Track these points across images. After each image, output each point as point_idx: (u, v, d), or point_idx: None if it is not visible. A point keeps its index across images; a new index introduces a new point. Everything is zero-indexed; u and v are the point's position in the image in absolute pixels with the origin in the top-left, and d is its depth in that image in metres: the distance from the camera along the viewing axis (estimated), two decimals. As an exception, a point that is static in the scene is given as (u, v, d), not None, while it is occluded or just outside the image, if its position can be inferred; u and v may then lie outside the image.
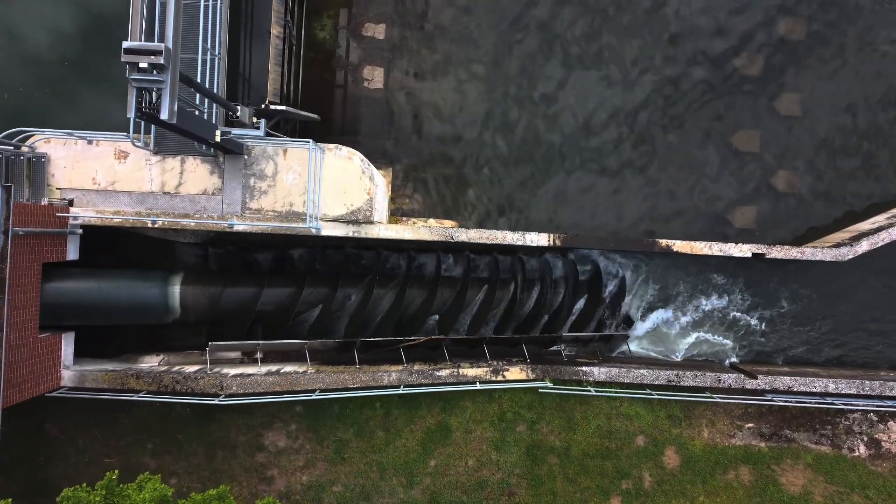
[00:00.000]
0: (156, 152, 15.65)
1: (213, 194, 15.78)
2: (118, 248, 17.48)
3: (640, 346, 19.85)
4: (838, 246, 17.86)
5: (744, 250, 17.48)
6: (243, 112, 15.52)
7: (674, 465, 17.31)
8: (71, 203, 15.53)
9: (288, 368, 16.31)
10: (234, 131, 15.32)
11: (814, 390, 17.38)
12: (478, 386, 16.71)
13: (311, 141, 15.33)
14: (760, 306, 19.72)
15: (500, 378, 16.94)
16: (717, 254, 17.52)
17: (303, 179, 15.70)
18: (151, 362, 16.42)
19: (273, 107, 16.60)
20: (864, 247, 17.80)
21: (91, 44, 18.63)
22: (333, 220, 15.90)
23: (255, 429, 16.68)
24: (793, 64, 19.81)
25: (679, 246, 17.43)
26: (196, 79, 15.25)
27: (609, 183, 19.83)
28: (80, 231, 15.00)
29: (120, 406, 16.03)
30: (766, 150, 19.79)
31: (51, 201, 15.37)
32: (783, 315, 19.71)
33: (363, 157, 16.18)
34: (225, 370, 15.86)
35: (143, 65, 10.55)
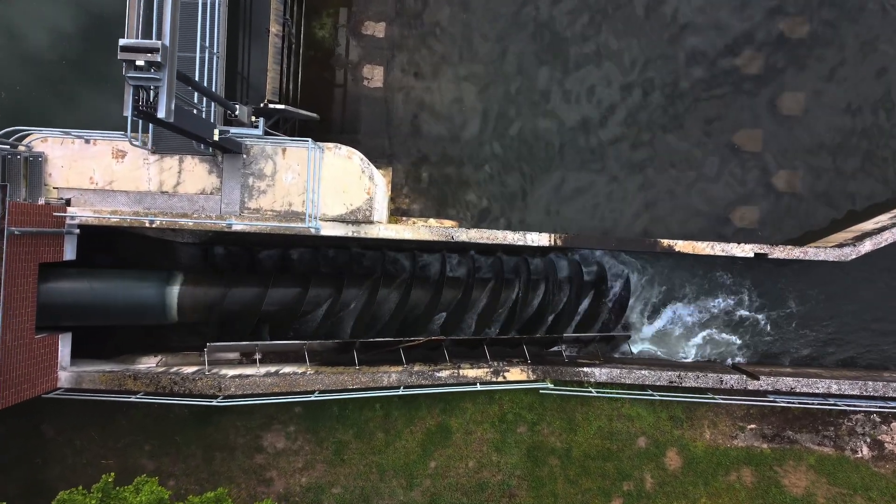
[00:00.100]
0: (154, 151, 15.52)
1: (212, 194, 15.66)
2: (116, 248, 17.38)
3: (645, 346, 19.77)
4: (841, 246, 17.74)
5: (746, 250, 17.35)
6: (242, 111, 15.38)
7: (675, 466, 17.20)
8: (68, 203, 15.40)
9: (287, 369, 16.19)
10: (233, 130, 15.20)
11: (816, 391, 17.25)
12: (478, 387, 16.59)
13: (310, 140, 15.20)
14: (767, 307, 19.63)
15: (500, 379, 16.82)
16: (720, 254, 17.39)
17: (302, 179, 15.57)
18: (149, 363, 16.30)
19: (272, 106, 16.48)
20: (867, 247, 17.68)
21: (91, 44, 18.55)
22: (333, 220, 15.77)
23: (254, 430, 16.57)
24: (794, 63, 19.68)
25: (681, 246, 17.31)
26: (194, 77, 15.12)
27: (610, 182, 19.72)
28: (78, 231, 14.89)
29: (117, 407, 15.91)
30: (768, 149, 19.67)
31: (48, 201, 15.24)
32: (789, 316, 19.62)
33: (363, 156, 16.06)
34: (223, 371, 15.74)
35: (140, 62, 10.42)
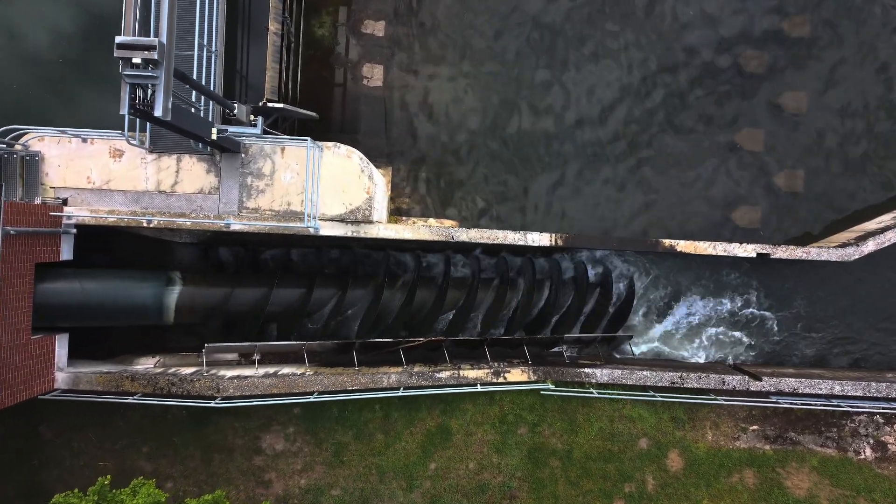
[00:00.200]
0: (151, 151, 15.39)
1: (210, 193, 15.53)
2: (114, 248, 17.28)
3: (649, 347, 19.70)
4: (844, 246, 17.62)
5: (748, 250, 17.24)
6: (240, 110, 15.26)
7: (677, 467, 17.08)
8: (65, 202, 15.28)
9: (286, 370, 16.07)
10: (231, 129, 15.08)
11: (819, 392, 17.13)
12: (478, 388, 16.48)
13: (309, 139, 15.07)
14: (773, 308, 19.58)
15: (501, 380, 16.71)
16: (722, 254, 17.28)
17: (301, 178, 15.45)
18: (147, 364, 16.18)
19: (271, 104, 16.34)
20: (870, 247, 17.56)
21: (91, 43, 18.46)
22: (332, 220, 15.65)
23: (253, 431, 16.45)
24: (796, 62, 19.57)
25: (683, 246, 17.19)
26: (192, 76, 14.99)
27: (610, 182, 19.60)
28: (75, 231, 14.76)
29: (115, 408, 15.79)
30: (770, 148, 19.55)
31: (44, 200, 15.12)
32: (796, 316, 19.56)
33: (362, 155, 15.94)
34: (222, 372, 15.62)
35: (137, 60, 10.30)
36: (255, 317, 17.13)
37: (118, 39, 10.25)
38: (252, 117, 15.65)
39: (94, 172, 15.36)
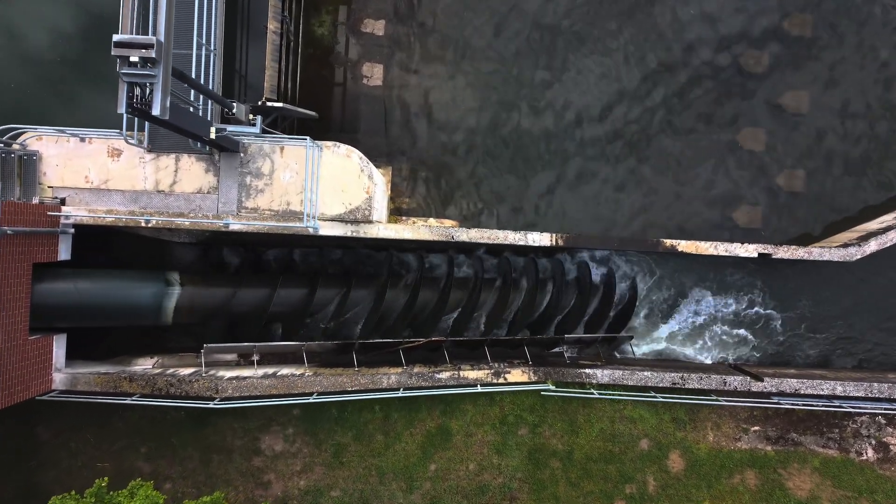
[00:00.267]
0: (150, 150, 15.31)
1: (209, 193, 15.44)
2: (112, 248, 17.18)
3: (652, 348, 19.62)
4: (846, 246, 17.54)
5: (750, 250, 17.15)
6: (239, 109, 15.16)
7: (678, 469, 17.00)
8: (63, 202, 15.19)
9: (285, 371, 15.98)
10: (230, 128, 14.98)
11: (821, 393, 17.05)
12: (479, 388, 16.39)
13: (308, 138, 14.98)
14: (777, 308, 19.51)
15: (501, 380, 16.62)
16: (723, 254, 17.19)
17: (300, 178, 15.37)
18: (145, 365, 16.08)
19: (270, 104, 16.26)
20: (872, 247, 17.47)
21: (90, 43, 18.40)
22: (331, 220, 15.56)
23: (252, 432, 16.36)
24: (798, 61, 19.48)
25: (684, 246, 17.10)
26: (191, 75, 14.90)
27: (611, 182, 19.52)
28: (72, 231, 14.66)
29: (113, 409, 15.69)
30: (772, 148, 19.47)
31: (42, 200, 15.03)
32: (800, 316, 19.50)
33: (362, 155, 15.85)
34: (220, 373, 15.53)
35: (134, 58, 10.21)
36: (258, 317, 17.05)
37: (115, 38, 10.16)
38: (251, 116, 15.56)
39: (93, 172, 15.27)
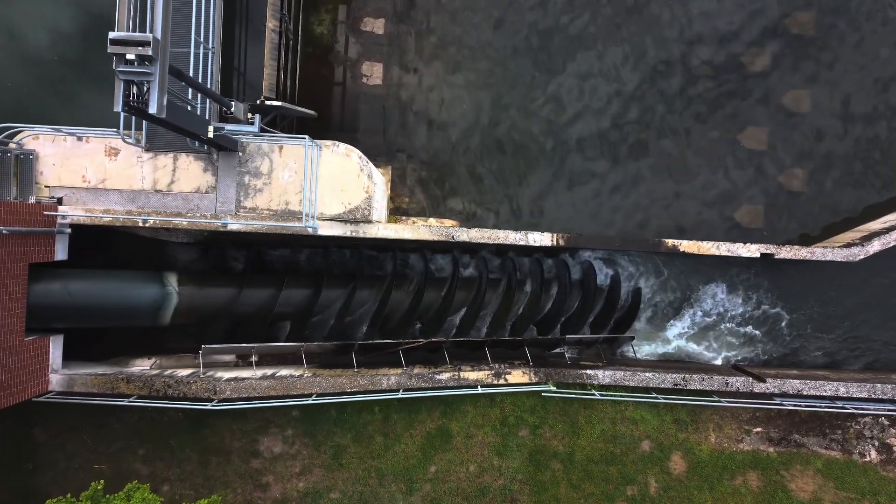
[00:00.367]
0: (147, 149, 15.18)
1: (207, 192, 15.31)
2: (110, 248, 17.06)
3: (657, 349, 19.49)
4: (849, 246, 17.42)
5: (752, 250, 17.03)
6: (238, 108, 15.04)
7: (680, 470, 16.88)
8: (60, 201, 15.06)
9: (284, 372, 15.85)
10: (228, 127, 14.85)
11: (824, 394, 16.94)
12: (479, 390, 16.27)
13: (307, 137, 14.85)
14: (784, 308, 19.43)
15: (501, 381, 16.50)
16: (725, 254, 17.08)
17: (299, 177, 15.24)
18: (143, 365, 15.95)
19: (269, 102, 16.12)
20: (875, 246, 17.36)
21: (91, 43, 18.28)
22: (331, 220, 15.44)
23: (250, 434, 16.24)
24: (802, 60, 19.36)
25: (686, 246, 16.98)
26: (189, 73, 14.77)
27: (613, 182, 19.39)
28: (69, 230, 14.52)
29: (111, 411, 15.57)
30: (774, 147, 19.34)
31: (39, 200, 14.90)
32: (807, 317, 19.41)
33: (361, 154, 15.72)
34: (219, 374, 15.39)
35: (131, 56, 10.10)
36: (262, 318, 16.95)
37: (111, 35, 10.05)
38: (249, 115, 15.43)
39: (90, 171, 15.14)
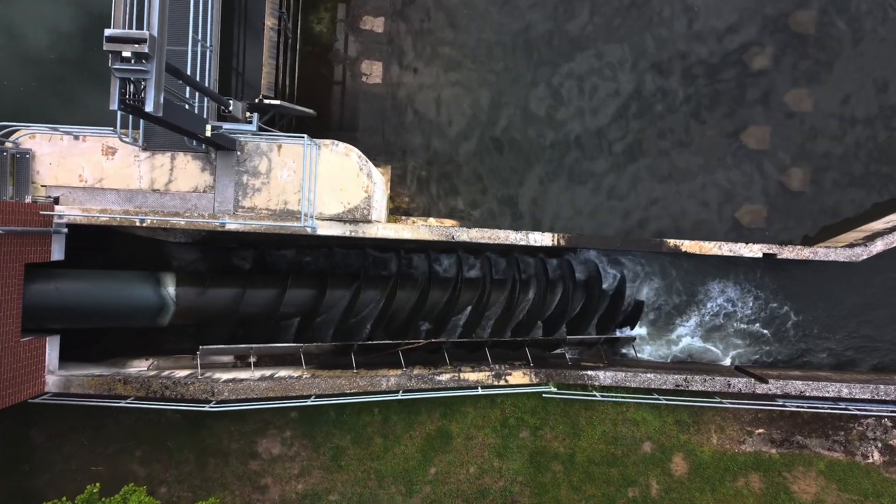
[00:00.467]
0: (145, 148, 15.04)
1: (205, 192, 15.18)
2: (109, 247, 16.93)
3: (659, 349, 19.38)
4: (852, 246, 17.30)
5: (754, 250, 16.92)
6: (236, 106, 14.91)
7: (682, 472, 16.76)
8: (56, 201, 14.92)
9: (282, 373, 15.72)
10: (226, 126, 14.71)
11: (826, 395, 16.82)
12: (479, 391, 16.14)
13: (305, 136, 14.71)
14: (791, 309, 19.34)
15: (502, 382, 16.37)
16: (727, 254, 16.96)
17: (298, 176, 15.11)
18: (140, 366, 15.82)
19: (267, 101, 15.98)
20: (878, 247, 17.24)
21: (91, 43, 18.18)
22: (330, 219, 15.30)
23: (249, 435, 16.11)
24: (804, 59, 19.22)
25: (687, 246, 16.86)
26: (186, 71, 14.64)
27: (613, 181, 19.26)
28: (66, 230, 14.40)
29: (108, 412, 15.46)
30: (776, 147, 19.21)
31: (35, 199, 14.77)
32: (815, 318, 19.31)
33: (361, 153, 15.59)
34: (216, 375, 15.26)
35: (127, 53, 9.96)
36: (266, 318, 16.85)
37: (107, 32, 9.90)
38: (248, 114, 15.30)
39: (87, 170, 15.01)
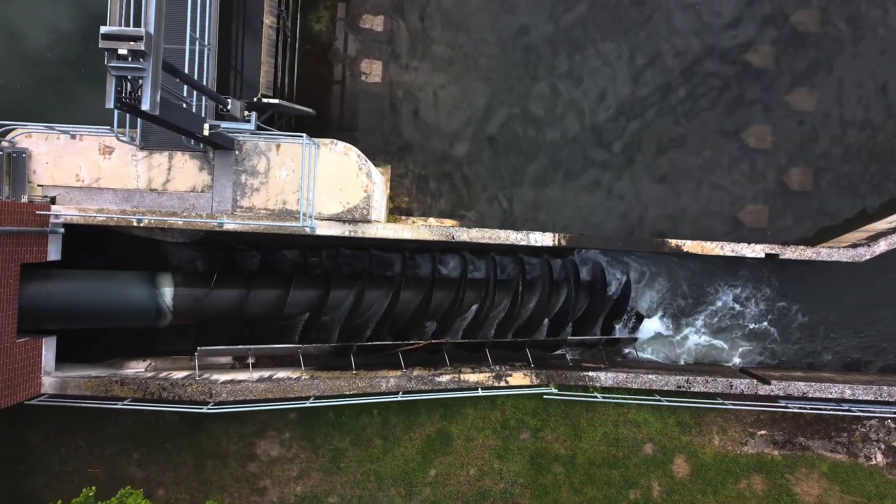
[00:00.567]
0: (142, 147, 14.92)
1: (203, 192, 15.05)
2: (108, 247, 16.80)
3: (663, 350, 19.29)
4: (855, 246, 17.18)
5: (756, 250, 16.80)
6: (234, 105, 14.79)
7: (683, 473, 16.64)
8: (53, 201, 14.80)
9: (281, 374, 15.60)
10: (224, 125, 14.59)
11: (829, 396, 16.70)
12: (479, 392, 16.01)
13: (304, 135, 14.58)
14: (798, 310, 19.26)
15: (502, 383, 16.25)
16: (729, 254, 16.84)
17: (297, 176, 14.98)
18: (138, 368, 15.69)
19: (266, 100, 15.86)
20: (882, 247, 17.13)
21: (90, 43, 18.04)
22: (329, 219, 15.18)
23: (247, 437, 15.99)
24: (806, 57, 19.11)
25: (689, 246, 16.73)
26: (184, 70, 14.51)
27: (614, 181, 19.15)
28: (62, 230, 14.27)
29: (105, 413, 15.33)
30: (779, 146, 19.11)
31: (31, 199, 14.64)
32: (822, 318, 19.25)
33: (360, 152, 15.47)
34: (214, 376, 15.13)
35: (123, 51, 9.83)
36: (270, 319, 16.77)
37: (102, 29, 9.78)
38: (246, 113, 15.17)
39: (84, 170, 14.88)
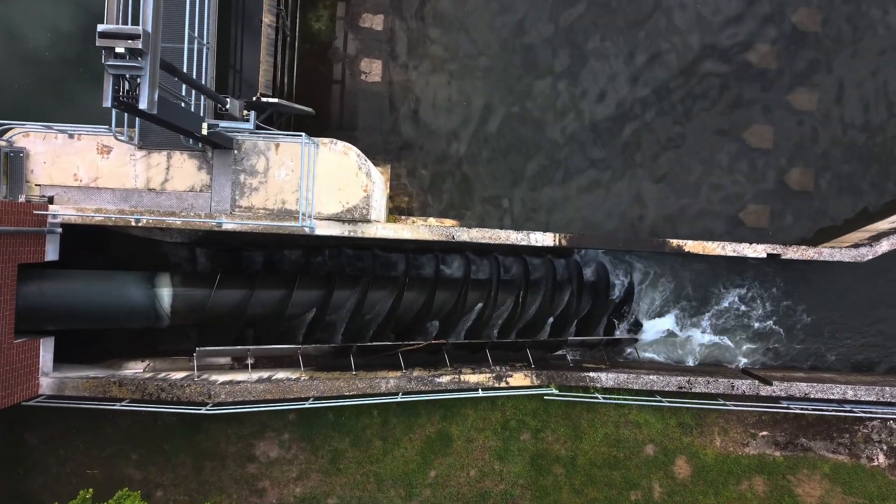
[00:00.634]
0: (140, 147, 14.83)
1: (202, 191, 14.97)
2: (109, 248, 16.72)
3: (665, 351, 19.20)
4: (857, 246, 17.10)
5: (758, 251, 16.71)
6: (233, 104, 14.69)
7: (685, 475, 16.57)
8: (51, 200, 14.72)
9: (280, 375, 15.52)
10: (223, 124, 14.51)
11: (831, 397, 16.62)
12: (480, 393, 15.93)
13: (303, 135, 14.49)
14: (802, 310, 19.14)
15: (503, 384, 16.17)
16: (731, 254, 16.75)
17: (296, 175, 14.90)
18: (136, 368, 15.60)
19: (265, 99, 15.76)
20: (884, 247, 17.04)
21: (90, 43, 17.90)
22: (328, 219, 15.10)
23: (246, 438, 15.91)
24: (808, 57, 19.03)
25: (690, 246, 16.65)
26: (182, 69, 14.42)
27: (615, 181, 19.07)
28: (60, 230, 14.17)
29: (104, 414, 15.25)
30: (780, 146, 19.02)
31: (29, 198, 14.55)
32: (826, 319, 19.12)
33: (360, 152, 15.38)
34: (213, 377, 15.05)
35: (120, 49, 9.74)
36: (273, 319, 16.67)
37: (100, 27, 9.69)
38: (245, 112, 15.08)
39: (81, 169, 14.80)
